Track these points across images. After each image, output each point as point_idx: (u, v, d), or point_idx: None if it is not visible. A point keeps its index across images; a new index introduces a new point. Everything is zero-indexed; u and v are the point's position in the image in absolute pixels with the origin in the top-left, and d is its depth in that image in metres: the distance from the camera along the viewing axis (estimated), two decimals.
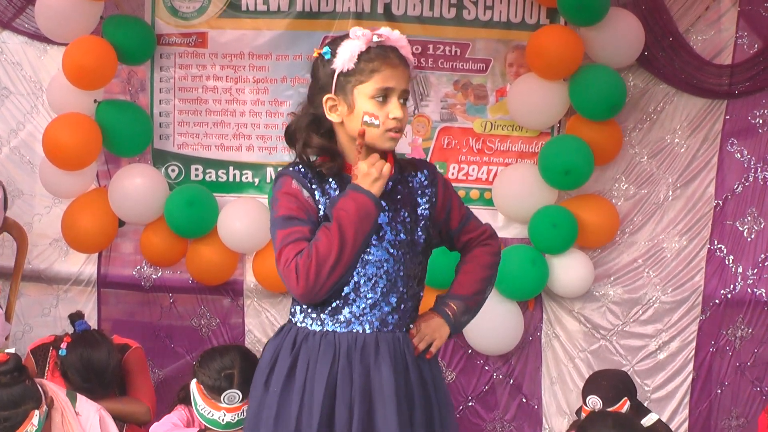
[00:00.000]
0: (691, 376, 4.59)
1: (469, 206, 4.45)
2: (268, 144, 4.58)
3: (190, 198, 4.43)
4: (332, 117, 2.30)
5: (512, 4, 4.48)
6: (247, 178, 4.61)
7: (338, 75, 2.27)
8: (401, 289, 2.34)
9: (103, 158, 4.58)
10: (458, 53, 4.52)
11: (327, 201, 2.29)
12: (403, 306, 2.35)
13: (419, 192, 2.42)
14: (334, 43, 2.30)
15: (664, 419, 4.33)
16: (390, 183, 2.34)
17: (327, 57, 2.28)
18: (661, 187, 4.58)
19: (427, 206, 2.42)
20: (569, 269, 4.44)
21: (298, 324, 2.37)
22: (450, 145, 4.57)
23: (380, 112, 2.26)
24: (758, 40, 4.44)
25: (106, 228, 4.48)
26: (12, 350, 3.07)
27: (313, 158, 2.35)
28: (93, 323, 4.55)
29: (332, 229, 2.20)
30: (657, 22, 4.39)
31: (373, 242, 2.30)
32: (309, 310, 2.34)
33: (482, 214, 4.53)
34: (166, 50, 4.54)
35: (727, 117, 4.53)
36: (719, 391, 4.60)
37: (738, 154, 4.56)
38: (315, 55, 2.34)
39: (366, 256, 2.29)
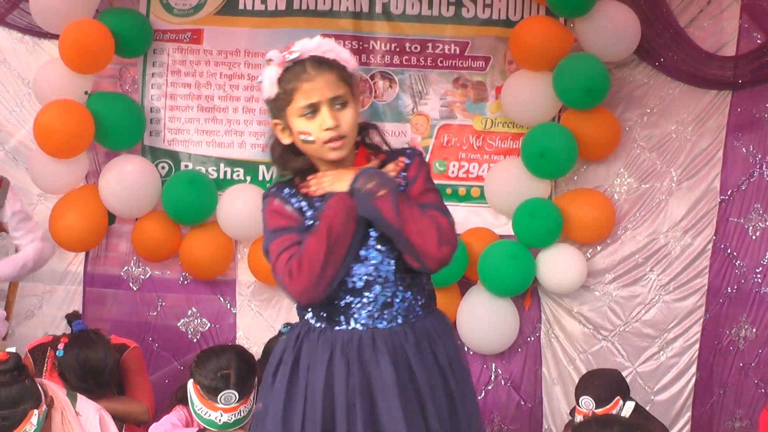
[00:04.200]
0: (694, 378, 4.69)
1: (470, 204, 4.67)
2: (261, 141, 4.68)
3: (191, 177, 4.56)
4: (285, 140, 2.48)
5: (511, 1, 4.67)
6: (238, 175, 4.76)
7: (270, 103, 2.46)
8: (394, 283, 2.48)
9: (92, 156, 4.70)
10: (457, 51, 4.69)
11: (313, 213, 2.44)
12: (398, 299, 2.48)
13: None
14: (261, 73, 2.47)
15: (667, 421, 4.48)
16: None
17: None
18: (665, 183, 4.70)
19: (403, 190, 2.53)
20: (558, 264, 4.56)
21: (304, 319, 2.54)
22: (450, 142, 4.73)
23: (312, 127, 2.40)
24: (761, 32, 4.59)
25: (96, 226, 4.57)
26: (12, 349, 3.14)
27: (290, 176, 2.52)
28: None
29: (319, 228, 2.37)
30: (657, 15, 4.54)
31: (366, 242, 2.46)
32: (309, 308, 2.50)
33: (482, 212, 4.75)
34: (159, 46, 4.70)
35: (732, 110, 4.65)
36: (722, 391, 4.72)
37: (743, 149, 4.69)
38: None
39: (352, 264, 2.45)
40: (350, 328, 2.46)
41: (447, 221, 2.45)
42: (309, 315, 2.52)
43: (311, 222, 2.44)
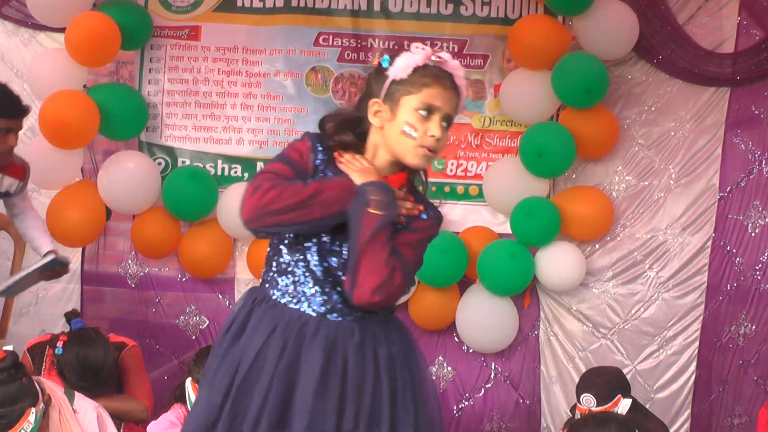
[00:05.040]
0: (694, 376, 4.72)
1: (468, 202, 4.70)
2: (259, 138, 4.76)
3: (193, 172, 4.59)
4: (374, 120, 2.49)
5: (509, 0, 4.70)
6: (236, 172, 4.78)
7: (391, 82, 2.48)
8: None
9: (89, 151, 4.73)
10: (456, 49, 4.71)
11: (323, 176, 2.48)
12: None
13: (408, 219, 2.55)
14: (395, 53, 2.51)
15: (666, 419, 4.50)
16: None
17: (384, 65, 2.48)
18: (663, 180, 4.73)
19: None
20: (556, 262, 4.59)
21: (265, 285, 2.56)
22: (448, 140, 4.72)
23: (420, 126, 2.45)
24: (760, 29, 4.62)
25: (94, 221, 4.58)
26: (10, 347, 3.17)
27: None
28: None
29: (309, 183, 2.41)
30: (655, 13, 4.57)
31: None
32: (273, 275, 2.52)
33: (480, 210, 4.78)
34: (157, 42, 4.73)
35: (731, 107, 4.68)
36: (722, 389, 4.75)
37: (742, 146, 4.71)
38: (374, 63, 2.55)
39: (330, 246, 2.47)
40: (301, 309, 2.48)
41: (401, 280, 2.44)
42: (269, 284, 2.54)
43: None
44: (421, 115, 2.44)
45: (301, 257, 2.49)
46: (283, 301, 2.50)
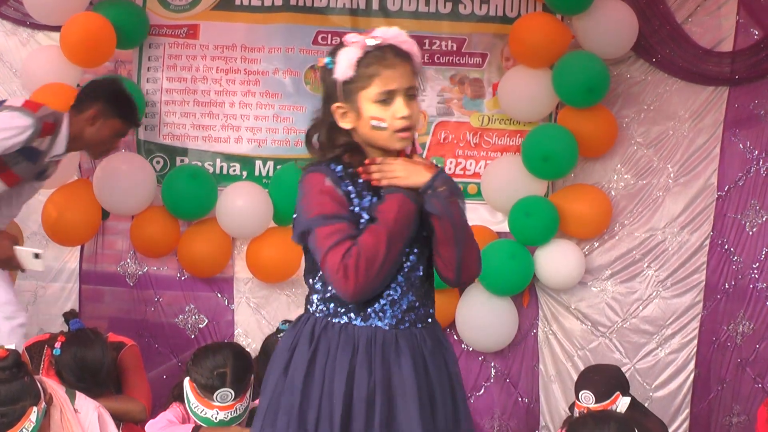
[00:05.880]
0: (692, 374, 4.74)
1: (467, 201, 4.75)
2: (258, 136, 4.78)
3: (193, 171, 4.60)
4: (344, 124, 2.46)
5: None
6: (234, 170, 4.80)
7: (342, 84, 2.44)
8: (419, 288, 2.50)
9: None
10: (454, 48, 4.74)
11: (360, 202, 2.43)
12: (418, 304, 2.51)
13: None
14: (334, 52, 2.48)
15: (665, 418, 4.52)
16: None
17: (329, 67, 2.45)
18: (662, 179, 4.74)
19: None
20: (555, 260, 4.62)
21: (317, 314, 2.51)
22: (447, 139, 4.78)
23: (386, 114, 2.40)
24: (759, 28, 4.64)
25: (90, 220, 4.59)
26: (12, 346, 3.20)
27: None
28: None
29: (378, 228, 2.37)
30: (654, 12, 4.59)
31: None
32: (328, 301, 2.48)
33: (479, 209, 4.81)
34: (155, 40, 4.75)
35: (729, 107, 4.69)
36: (720, 387, 4.77)
37: (740, 145, 4.73)
38: (319, 65, 2.51)
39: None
40: (373, 326, 2.46)
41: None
42: (328, 306, 2.49)
43: (358, 212, 2.43)
44: (382, 104, 2.42)
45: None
46: (350, 322, 2.47)
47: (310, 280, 2.53)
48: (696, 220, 4.75)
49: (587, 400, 3.88)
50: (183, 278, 4.83)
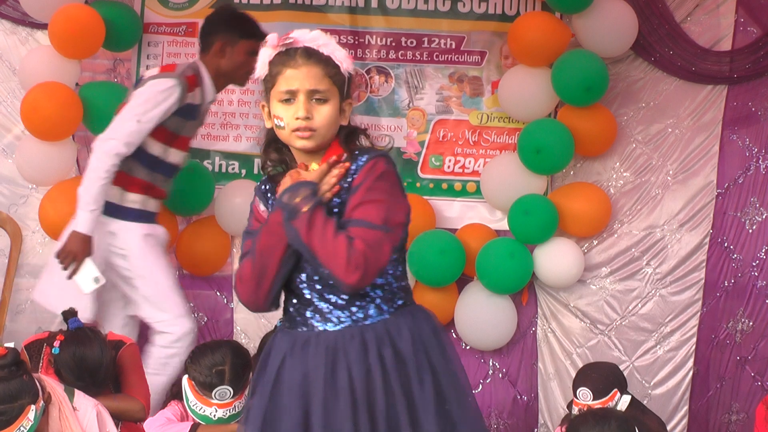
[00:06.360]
0: (691, 372, 4.75)
1: (466, 199, 4.70)
2: (257, 134, 4.75)
3: (189, 166, 4.56)
4: (267, 123, 2.53)
5: None
6: (233, 168, 4.81)
7: (261, 82, 2.50)
8: (340, 288, 2.45)
9: (86, 150, 4.66)
10: (453, 46, 4.74)
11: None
12: (343, 303, 2.47)
13: (344, 180, 2.46)
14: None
15: (664, 415, 4.53)
16: None
17: None
18: (661, 177, 4.75)
19: (340, 197, 2.46)
20: (554, 258, 4.62)
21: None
22: (446, 137, 4.79)
23: (286, 114, 2.42)
24: (757, 27, 4.65)
25: None
26: (11, 344, 3.20)
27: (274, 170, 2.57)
28: None
29: (252, 247, 2.46)
30: (653, 11, 4.60)
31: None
32: (286, 307, 2.56)
33: (478, 207, 4.80)
34: (154, 38, 4.76)
35: (728, 105, 4.70)
36: (719, 385, 4.77)
37: (739, 143, 4.74)
38: None
39: (298, 264, 2.47)
40: (302, 330, 2.50)
41: (366, 244, 2.35)
42: (284, 316, 2.60)
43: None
44: (284, 103, 2.44)
45: (288, 284, 2.52)
46: (291, 327, 2.53)
47: None
48: (695, 218, 4.76)
49: (585, 397, 3.90)
50: (182, 276, 4.79)
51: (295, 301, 2.53)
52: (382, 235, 2.38)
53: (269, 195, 2.54)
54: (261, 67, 2.47)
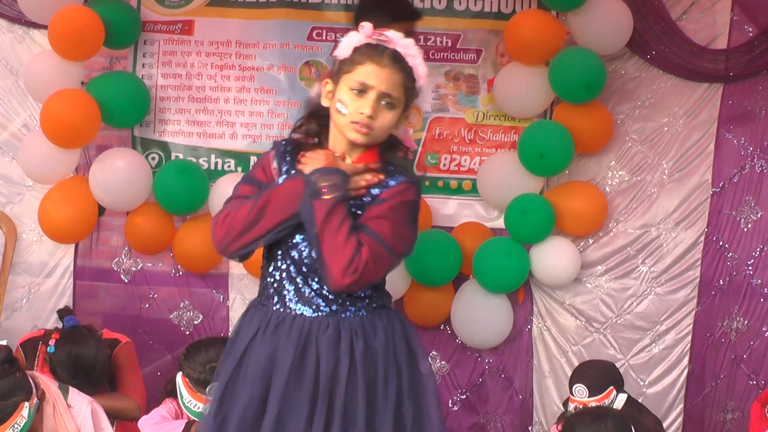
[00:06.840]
0: (686, 370, 4.75)
1: (462, 197, 4.72)
2: (253, 132, 4.77)
3: (182, 165, 4.60)
4: (324, 102, 2.56)
5: None
6: (229, 166, 4.79)
7: (338, 62, 2.53)
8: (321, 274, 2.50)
9: (83, 149, 4.69)
10: (449, 44, 4.73)
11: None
12: (325, 291, 2.50)
13: (372, 187, 2.53)
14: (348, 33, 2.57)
15: (659, 414, 4.53)
16: None
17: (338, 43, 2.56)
18: (656, 175, 4.75)
19: (362, 201, 2.51)
20: (551, 257, 4.62)
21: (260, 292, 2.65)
22: (442, 135, 4.78)
23: (352, 104, 2.47)
24: (753, 25, 4.65)
25: (86, 217, 4.58)
26: (3, 342, 3.21)
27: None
28: None
29: (255, 199, 2.50)
30: (649, 8, 4.60)
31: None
32: (264, 281, 2.60)
33: (474, 205, 4.81)
34: (150, 37, 4.74)
35: (724, 103, 4.70)
36: (714, 384, 4.78)
37: (735, 142, 4.74)
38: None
39: (290, 240, 2.52)
40: (279, 309, 2.53)
41: (369, 254, 2.41)
42: (261, 291, 2.62)
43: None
44: (354, 94, 2.48)
45: (275, 260, 2.55)
46: (267, 303, 2.56)
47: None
48: (690, 217, 4.76)
49: (581, 393, 3.90)
50: (178, 274, 4.82)
51: (278, 276, 2.55)
52: (387, 254, 2.47)
53: (287, 157, 2.57)
54: (344, 48, 2.51)
